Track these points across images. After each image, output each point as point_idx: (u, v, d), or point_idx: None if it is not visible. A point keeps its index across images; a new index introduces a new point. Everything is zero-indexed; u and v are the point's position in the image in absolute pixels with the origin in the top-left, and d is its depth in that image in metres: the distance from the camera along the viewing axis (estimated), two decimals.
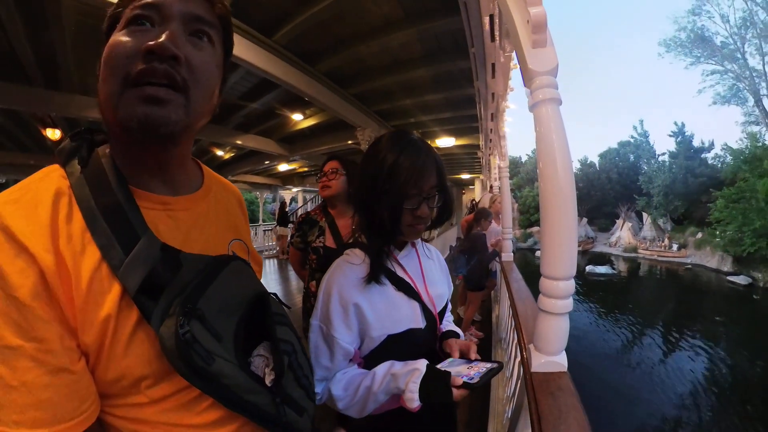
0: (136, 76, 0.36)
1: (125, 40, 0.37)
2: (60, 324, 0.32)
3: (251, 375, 0.40)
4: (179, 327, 0.34)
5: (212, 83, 0.43)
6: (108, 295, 0.35)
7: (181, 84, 0.38)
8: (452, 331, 0.80)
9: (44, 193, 0.35)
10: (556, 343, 0.82)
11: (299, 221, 1.56)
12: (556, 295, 0.79)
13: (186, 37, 0.40)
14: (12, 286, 0.30)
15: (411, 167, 0.65)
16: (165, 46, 0.36)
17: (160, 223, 0.41)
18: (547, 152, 0.79)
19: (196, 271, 0.40)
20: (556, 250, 0.79)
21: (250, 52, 2.46)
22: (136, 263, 0.36)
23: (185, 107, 0.39)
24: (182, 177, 0.47)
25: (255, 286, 0.48)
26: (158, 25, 0.39)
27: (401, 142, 0.69)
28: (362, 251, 0.70)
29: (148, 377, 0.36)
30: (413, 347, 0.68)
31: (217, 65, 0.44)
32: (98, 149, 0.42)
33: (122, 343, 0.35)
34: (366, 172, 0.70)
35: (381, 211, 0.67)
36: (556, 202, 0.78)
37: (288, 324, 0.50)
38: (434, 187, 0.69)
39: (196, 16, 0.41)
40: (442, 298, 0.80)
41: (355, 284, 0.65)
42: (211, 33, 0.43)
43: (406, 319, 0.69)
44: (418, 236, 0.73)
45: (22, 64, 2.97)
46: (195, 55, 0.40)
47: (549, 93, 0.81)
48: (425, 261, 0.79)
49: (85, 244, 0.35)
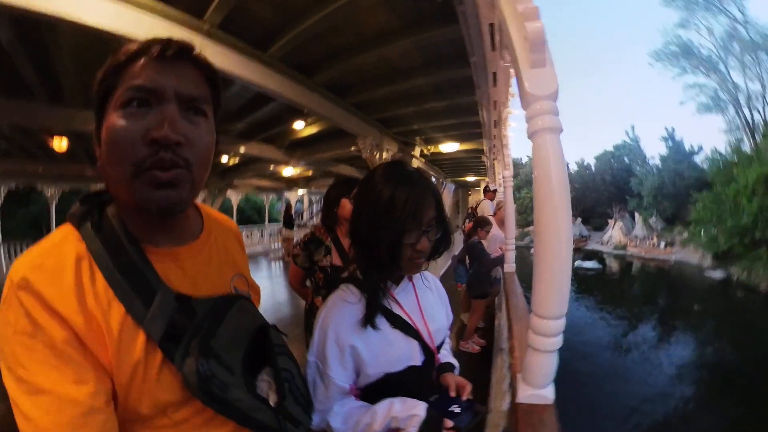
0: (148, 167, 0.40)
1: (125, 125, 0.40)
2: (96, 370, 0.38)
3: (258, 397, 0.46)
4: (199, 366, 0.41)
5: (209, 153, 0.47)
6: (135, 342, 0.41)
7: (184, 164, 0.42)
8: (449, 363, 0.79)
9: (66, 258, 0.40)
10: (544, 377, 0.80)
11: (305, 241, 1.57)
12: (545, 333, 0.76)
13: (183, 114, 0.43)
14: (51, 337, 0.36)
15: (408, 200, 0.64)
16: (168, 136, 0.40)
17: (171, 273, 0.46)
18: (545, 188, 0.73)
19: (206, 314, 0.46)
20: (548, 289, 0.74)
21: (245, 68, 2.43)
22: (158, 315, 0.42)
23: (191, 182, 0.44)
24: (185, 228, 0.52)
25: (257, 320, 0.55)
26: (155, 106, 0.41)
27: (396, 174, 0.68)
28: (358, 288, 0.68)
29: (173, 404, 0.43)
30: (410, 383, 0.68)
31: (211, 134, 0.48)
32: (107, 210, 0.46)
33: (152, 380, 0.41)
34: (362, 206, 0.68)
35: (379, 247, 0.64)
36: (552, 242, 0.73)
37: (287, 353, 0.56)
38: (433, 219, 0.67)
39: (190, 97, 0.44)
40: (441, 332, 0.79)
41: (352, 325, 0.65)
42: (204, 107, 0.46)
43: (404, 357, 0.68)
44: (418, 270, 0.70)
45: (26, 83, 3.02)
46: (193, 134, 0.43)
47: (549, 121, 0.73)
48: (423, 294, 0.76)
49: (110, 300, 0.40)
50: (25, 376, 0.35)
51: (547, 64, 0.76)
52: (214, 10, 2.05)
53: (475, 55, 2.47)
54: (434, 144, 5.63)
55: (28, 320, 0.36)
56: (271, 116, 4.31)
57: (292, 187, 11.20)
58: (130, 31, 1.86)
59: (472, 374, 0.82)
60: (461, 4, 1.73)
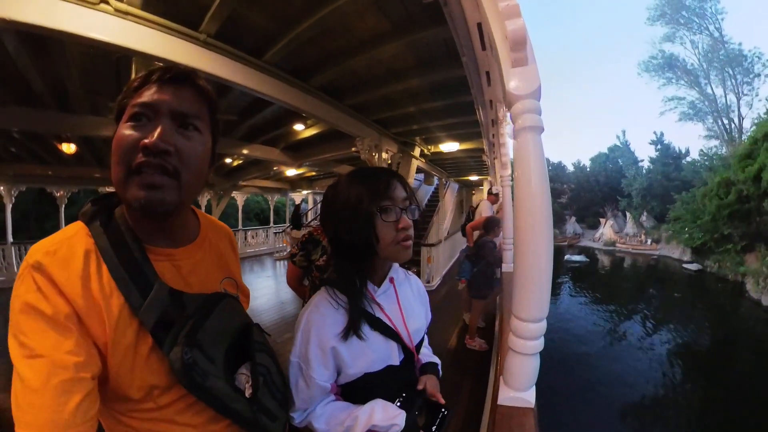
0: (136, 167, 0.46)
1: (127, 134, 0.47)
2: (89, 347, 0.43)
3: (235, 388, 0.51)
4: (184, 354, 0.46)
5: (201, 165, 0.53)
6: (130, 328, 0.46)
7: (172, 171, 0.48)
8: (432, 363, 0.80)
9: (77, 249, 0.46)
10: (525, 380, 0.79)
11: (303, 241, 1.62)
12: (526, 336, 0.76)
13: (176, 129, 0.49)
14: (56, 311, 0.41)
15: (374, 184, 0.66)
16: (156, 144, 0.46)
17: (167, 271, 0.52)
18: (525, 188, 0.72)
19: (195, 308, 0.51)
20: (528, 291, 0.73)
21: (241, 75, 2.49)
22: (152, 306, 0.47)
23: (177, 189, 0.49)
24: (182, 232, 0.58)
25: (242, 318, 0.60)
26: (153, 120, 0.48)
27: (359, 174, 0.69)
28: (341, 292, 0.69)
29: (158, 387, 0.48)
30: (389, 382, 0.70)
31: (205, 148, 0.53)
32: (116, 210, 0.53)
33: (141, 362, 0.46)
34: (333, 214, 0.69)
35: (358, 242, 0.65)
36: (532, 243, 0.72)
37: (266, 350, 0.61)
38: (406, 200, 0.67)
39: (182, 113, 0.50)
40: (420, 331, 0.80)
41: (333, 330, 0.66)
42: (198, 123, 0.52)
43: (383, 357, 0.69)
44: (410, 255, 0.69)
45: (35, 92, 3.14)
46: (184, 145, 0.49)
47: (530, 119, 0.72)
48: (403, 294, 0.78)
49: (112, 289, 0.46)
50: (26, 341, 0.40)
51: (529, 62, 0.76)
52: (209, 21, 2.11)
53: (466, 55, 2.48)
54: (434, 144, 5.62)
55: (38, 294, 0.41)
56: (272, 119, 4.37)
57: (296, 188, 11.29)
58: (130, 44, 1.94)
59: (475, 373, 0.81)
60: (446, 5, 1.75)
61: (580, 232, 22.31)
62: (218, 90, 3.23)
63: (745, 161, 11.00)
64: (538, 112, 0.73)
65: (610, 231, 20.24)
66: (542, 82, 0.77)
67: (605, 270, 14.95)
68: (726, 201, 11.50)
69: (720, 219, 11.74)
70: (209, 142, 0.55)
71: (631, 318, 8.27)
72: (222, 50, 2.33)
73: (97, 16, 1.82)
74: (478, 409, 2.47)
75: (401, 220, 0.66)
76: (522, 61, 0.75)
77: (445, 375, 0.82)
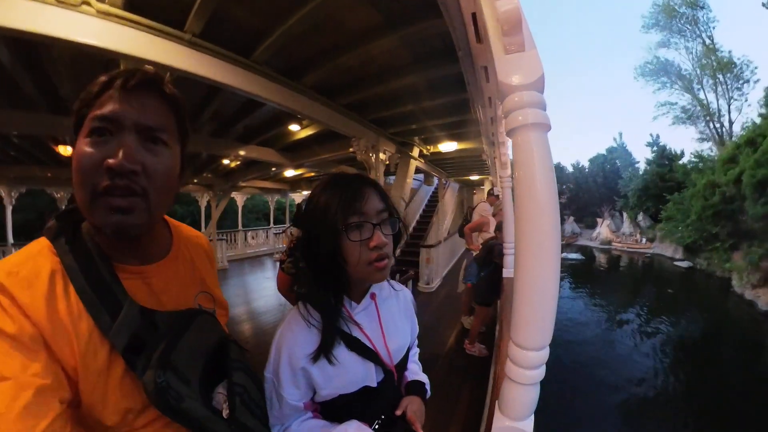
0: (102, 191, 0.43)
1: (89, 152, 0.44)
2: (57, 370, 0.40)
3: (211, 409, 0.49)
4: (157, 378, 0.44)
5: (170, 182, 0.50)
6: (101, 351, 0.44)
7: (140, 192, 0.45)
8: (417, 382, 0.76)
9: (41, 269, 0.44)
10: (523, 410, 0.69)
11: (290, 247, 1.55)
12: (525, 366, 0.64)
13: (142, 143, 0.46)
14: (21, 333, 0.38)
15: (345, 192, 0.59)
16: (123, 165, 0.43)
17: (137, 290, 0.50)
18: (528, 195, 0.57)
19: (168, 327, 0.49)
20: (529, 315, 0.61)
21: (229, 74, 2.41)
22: (122, 328, 0.45)
23: (147, 210, 0.47)
24: (153, 247, 0.55)
25: (217, 335, 0.57)
26: (116, 134, 0.45)
27: (332, 180, 0.64)
28: (315, 309, 0.63)
29: (133, 411, 0.46)
30: (364, 404, 0.66)
31: (173, 162, 0.51)
32: (82, 226, 0.50)
33: (115, 387, 0.44)
34: (304, 224, 0.64)
35: (327, 264, 0.59)
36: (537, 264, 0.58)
37: (243, 368, 0.58)
38: (383, 212, 0.60)
39: (148, 126, 0.47)
40: (402, 349, 0.74)
41: (304, 349, 0.62)
42: (164, 137, 0.49)
43: (359, 379, 0.66)
44: (384, 277, 0.61)
45: (26, 94, 3.11)
46: (151, 162, 0.46)
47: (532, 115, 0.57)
48: (385, 311, 0.70)
49: (80, 311, 0.44)
50: None
51: (527, 48, 0.63)
52: (193, 19, 2.03)
53: (462, 49, 2.38)
54: (433, 144, 5.52)
55: (2, 315, 0.39)
56: (267, 119, 4.30)
57: (296, 189, 11.27)
58: (114, 46, 1.89)
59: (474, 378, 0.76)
60: None
61: (578, 232, 23.32)
62: (208, 90, 3.17)
63: (729, 165, 11.69)
64: (542, 106, 0.59)
65: (606, 230, 21.17)
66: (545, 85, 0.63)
67: (602, 267, 15.99)
68: (710, 202, 12.26)
69: (705, 219, 12.53)
70: (177, 154, 0.52)
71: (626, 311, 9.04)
72: (208, 50, 2.26)
73: (79, 19, 1.77)
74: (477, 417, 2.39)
75: (374, 237, 0.58)
76: (518, 46, 0.61)
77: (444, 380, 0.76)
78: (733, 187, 11.16)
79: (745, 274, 9.67)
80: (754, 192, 9.70)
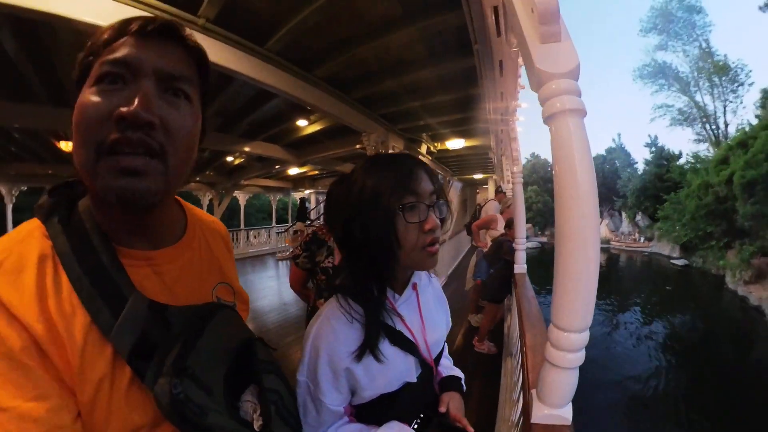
0: (110, 146, 0.35)
1: (95, 101, 0.36)
2: (58, 384, 0.33)
3: (240, 421, 0.41)
4: (173, 388, 0.36)
5: (191, 143, 0.42)
6: (101, 357, 0.36)
7: (158, 150, 0.37)
8: (454, 378, 0.73)
9: (28, 257, 0.35)
10: (562, 396, 0.71)
11: (307, 240, 1.49)
12: (566, 349, 0.66)
13: (161, 95, 0.38)
14: (9, 347, 0.31)
15: (398, 172, 0.55)
16: (138, 114, 0.35)
17: (146, 280, 0.41)
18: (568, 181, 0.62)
19: (184, 326, 0.41)
20: (571, 298, 0.63)
21: (242, 63, 2.37)
22: (126, 326, 0.37)
23: (164, 175, 0.38)
24: (164, 229, 0.46)
25: (241, 333, 0.48)
26: (130, 83, 0.37)
27: (379, 161, 0.59)
28: (354, 302, 0.59)
29: (144, 426, 0.38)
30: (405, 401, 0.62)
31: (195, 121, 0.42)
32: (79, 203, 0.42)
33: (120, 399, 0.36)
34: (346, 208, 0.57)
35: (375, 246, 0.54)
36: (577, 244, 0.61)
37: (275, 371, 0.50)
38: (433, 194, 0.57)
39: (170, 74, 0.39)
40: (440, 342, 0.71)
41: (347, 347, 0.57)
42: (187, 88, 0.41)
43: (401, 375, 0.62)
44: (436, 262, 0.59)
45: (29, 86, 3.04)
46: (171, 116, 0.38)
47: (569, 102, 0.61)
48: (425, 301, 0.67)
49: (74, 307, 0.36)
50: None
51: (563, 38, 0.65)
52: (207, 5, 1.99)
53: (479, 42, 2.35)
54: (441, 141, 5.50)
55: None
56: (274, 114, 4.26)
57: (299, 187, 11.23)
58: None
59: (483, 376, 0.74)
60: None
61: None
62: (216, 83, 3.12)
63: (721, 166, 12.16)
64: (579, 93, 0.62)
65: (605, 229, 21.55)
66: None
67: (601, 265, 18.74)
68: (703, 202, 12.78)
69: (699, 218, 13.07)
70: (200, 115, 0.44)
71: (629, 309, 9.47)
72: (222, 37, 2.21)
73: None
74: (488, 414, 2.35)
75: (428, 220, 0.55)
76: (554, 36, 0.63)
77: None
78: (725, 188, 11.55)
79: (738, 271, 10.19)
80: (744, 192, 10.20)
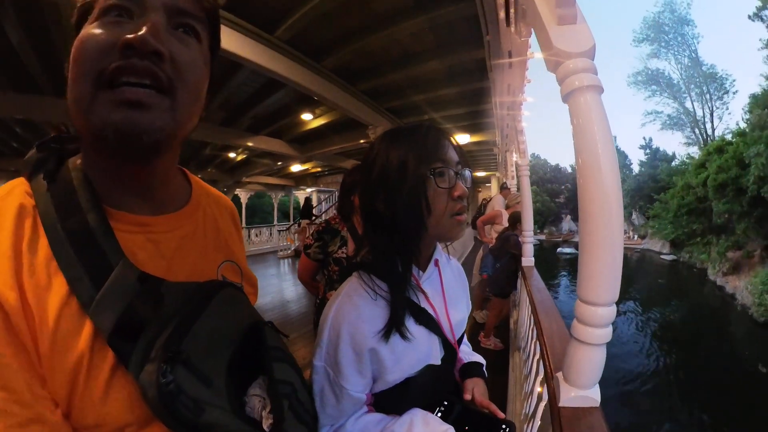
0: (111, 74, 0.30)
1: (98, 32, 0.32)
2: (29, 370, 0.28)
3: (246, 420, 0.35)
4: (161, 376, 0.29)
5: (200, 84, 0.38)
6: (78, 336, 0.30)
7: (166, 84, 0.33)
8: (476, 363, 0.71)
9: (5, 215, 0.31)
10: (591, 376, 0.70)
11: (319, 230, 1.46)
12: (594, 324, 0.67)
13: (170, 30, 0.35)
14: None
15: (425, 139, 0.54)
16: (146, 39, 0.31)
17: (139, 248, 0.36)
18: (590, 152, 0.63)
19: (180, 304, 0.35)
20: (597, 270, 0.64)
21: (252, 50, 2.35)
22: (109, 299, 0.31)
23: (171, 111, 0.33)
24: (165, 193, 0.42)
25: (248, 316, 0.42)
26: (137, 17, 0.33)
27: (402, 132, 0.57)
28: (378, 278, 0.55)
29: (131, 424, 0.32)
30: (428, 384, 0.59)
31: (204, 63, 0.39)
32: (69, 161, 0.37)
33: (100, 390, 0.30)
34: (371, 181, 0.55)
35: (404, 215, 0.52)
36: (600, 213, 0.62)
37: (287, 359, 0.44)
38: (458, 164, 0.56)
39: (181, 9, 0.36)
40: (462, 323, 0.69)
41: (371, 326, 0.53)
42: (198, 28, 0.38)
43: (425, 356, 0.58)
44: (462, 230, 0.58)
45: (32, 75, 3.01)
46: (181, 52, 0.34)
47: (587, 79, 0.64)
48: (447, 279, 0.65)
49: (51, 275, 0.30)
50: None
51: (578, 21, 0.67)
52: None
53: (490, 33, 2.35)
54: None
55: None
56: (278, 107, 4.24)
57: (301, 185, 11.20)
58: None
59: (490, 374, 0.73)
60: None
61: (575, 230, 25.50)
62: (221, 74, 3.10)
63: (700, 169, 13.34)
64: (596, 72, 0.66)
65: None
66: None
67: None
68: (685, 201, 14.28)
69: (681, 216, 14.49)
70: (208, 59, 0.40)
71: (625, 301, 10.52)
72: (232, 23, 2.20)
73: None
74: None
75: (456, 187, 0.53)
76: (570, 18, 0.66)
77: None
78: (702, 189, 12.76)
79: (717, 264, 11.79)
80: (716, 193, 11.49)
